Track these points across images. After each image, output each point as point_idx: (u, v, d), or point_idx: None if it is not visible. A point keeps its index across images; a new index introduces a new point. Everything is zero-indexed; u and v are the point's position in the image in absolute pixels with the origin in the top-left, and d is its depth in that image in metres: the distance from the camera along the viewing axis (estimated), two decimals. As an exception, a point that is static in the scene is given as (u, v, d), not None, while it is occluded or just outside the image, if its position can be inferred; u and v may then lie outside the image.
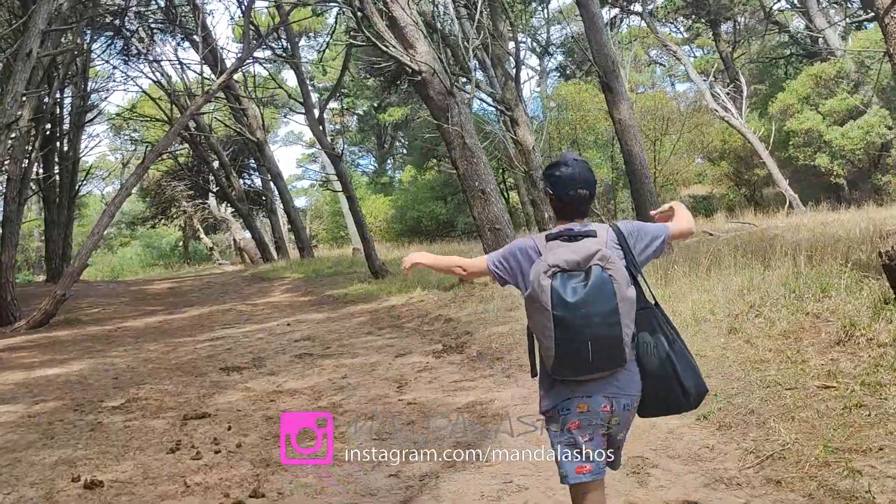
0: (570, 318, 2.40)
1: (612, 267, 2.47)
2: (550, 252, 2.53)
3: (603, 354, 2.44)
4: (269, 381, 7.31)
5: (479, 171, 11.31)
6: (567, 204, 2.64)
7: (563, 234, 2.58)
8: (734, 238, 14.40)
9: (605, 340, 2.42)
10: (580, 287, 2.43)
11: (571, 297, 2.41)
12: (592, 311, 2.41)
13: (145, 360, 9.16)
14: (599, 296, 2.42)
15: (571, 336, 2.41)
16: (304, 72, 18.06)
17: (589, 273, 2.45)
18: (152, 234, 48.29)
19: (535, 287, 2.48)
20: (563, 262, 2.47)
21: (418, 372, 7.02)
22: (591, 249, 2.48)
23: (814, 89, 25.95)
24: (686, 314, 6.61)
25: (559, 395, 2.57)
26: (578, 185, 2.62)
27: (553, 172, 2.67)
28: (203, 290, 20.35)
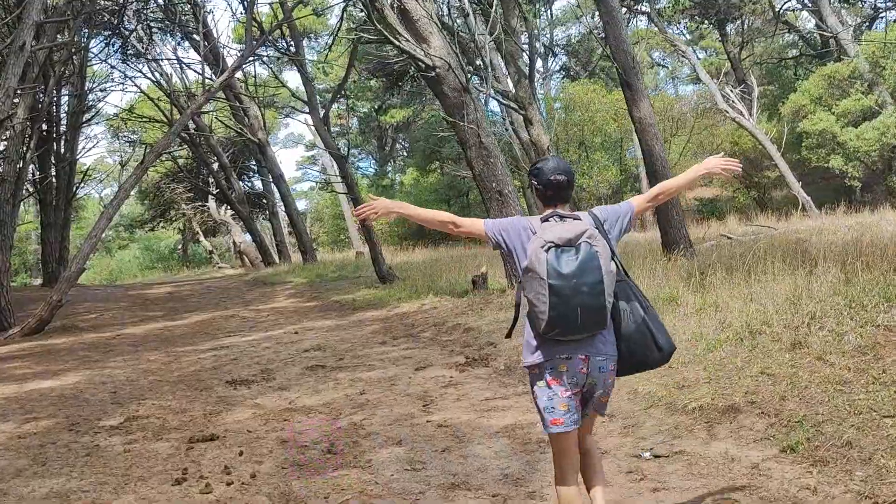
0: (563, 287, 2.72)
1: (598, 244, 2.81)
2: (545, 230, 2.84)
3: (589, 319, 2.77)
4: (280, 397, 6.76)
5: (497, 172, 10.77)
6: (549, 189, 2.99)
7: (554, 216, 2.92)
8: (756, 242, 13.86)
9: (591, 307, 2.75)
10: (572, 260, 2.75)
11: (565, 269, 2.74)
12: (582, 281, 2.73)
13: (146, 372, 8.61)
14: (588, 268, 2.75)
15: (564, 302, 2.72)
16: (307, 71, 17.50)
17: (579, 249, 2.77)
18: (151, 237, 47.77)
19: (534, 259, 2.79)
20: (557, 238, 2.78)
21: (443, 387, 6.47)
22: (580, 228, 2.82)
23: (826, 90, 25.46)
24: (737, 325, 6.06)
25: (545, 353, 2.88)
26: (557, 172, 2.99)
27: (536, 165, 3.09)
28: (204, 295, 19.78)
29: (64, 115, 23.78)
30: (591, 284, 2.74)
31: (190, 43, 26.75)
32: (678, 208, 12.62)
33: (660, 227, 12.72)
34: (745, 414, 4.30)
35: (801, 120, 25.35)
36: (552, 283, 2.73)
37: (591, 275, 2.75)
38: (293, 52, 16.54)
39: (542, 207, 3.04)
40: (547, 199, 3.03)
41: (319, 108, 16.74)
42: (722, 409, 4.44)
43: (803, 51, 32.78)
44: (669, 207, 12.50)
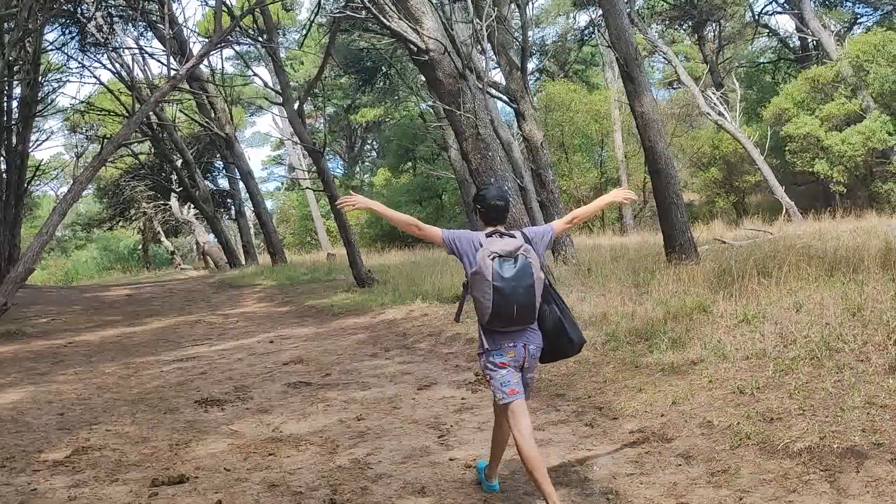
0: (503, 288, 3.41)
1: (531, 256, 3.52)
2: (491, 243, 3.50)
3: (523, 314, 3.46)
4: (260, 422, 5.71)
5: (495, 167, 9.82)
6: (491, 211, 3.63)
7: (496, 233, 3.57)
8: (754, 246, 13.14)
9: (525, 304, 3.45)
10: (511, 268, 3.43)
11: (506, 274, 3.42)
12: (519, 284, 3.42)
13: (100, 388, 7.48)
14: (524, 274, 3.44)
15: (504, 299, 3.41)
16: (280, 59, 16.39)
17: (517, 259, 3.46)
18: (109, 237, 45.91)
19: (482, 265, 3.45)
20: (500, 250, 3.46)
21: (456, 412, 5.49)
22: (517, 244, 3.50)
23: (809, 94, 25.04)
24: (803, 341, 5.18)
25: (495, 342, 3.53)
26: (498, 199, 3.66)
27: (480, 193, 3.73)
28: (166, 298, 18.50)
29: (16, 105, 22.26)
30: (525, 287, 3.43)
31: (154, 33, 25.36)
32: (682, 210, 11.78)
33: (662, 231, 11.87)
34: (874, 460, 3.40)
35: (783, 124, 24.90)
36: (496, 284, 3.40)
37: (526, 279, 3.44)
38: (266, 39, 15.41)
39: (484, 225, 3.67)
40: (489, 220, 3.66)
41: (293, 100, 15.63)
42: (839, 453, 3.54)
43: (782, 55, 32.49)
44: (673, 209, 11.67)
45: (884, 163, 22.89)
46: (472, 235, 3.61)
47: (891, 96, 23.15)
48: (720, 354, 5.41)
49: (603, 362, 6.14)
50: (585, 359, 6.29)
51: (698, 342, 5.92)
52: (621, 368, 5.82)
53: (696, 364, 5.41)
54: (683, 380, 5.13)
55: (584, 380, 5.78)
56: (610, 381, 5.58)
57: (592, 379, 5.76)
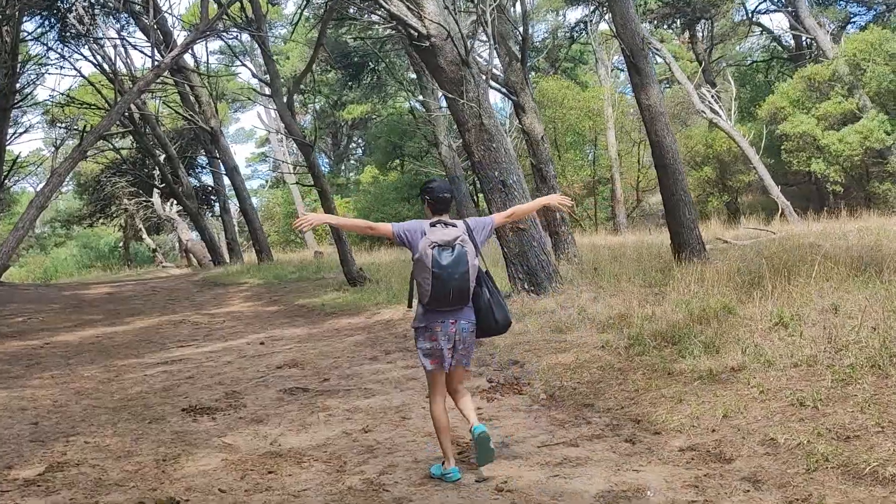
0: (441, 273, 3.83)
1: (467, 245, 3.92)
2: (433, 233, 3.91)
3: (458, 296, 3.91)
4: (256, 434, 5.17)
5: (500, 160, 9.31)
6: (438, 203, 4.06)
7: (440, 223, 3.98)
8: (761, 247, 12.74)
9: (460, 288, 3.89)
10: (449, 256, 3.85)
11: (444, 262, 3.84)
12: (455, 271, 3.84)
13: (79, 394, 6.89)
14: (459, 262, 3.86)
15: (442, 283, 3.84)
16: (270, 49, 15.79)
17: (454, 248, 3.88)
18: (90, 234, 44.95)
19: (423, 253, 3.87)
20: (440, 240, 3.88)
21: (474, 424, 4.97)
22: (456, 234, 3.91)
23: (805, 92, 24.77)
24: (856, 347, 4.72)
25: (428, 319, 4.00)
26: (444, 191, 4.08)
27: (429, 185, 4.13)
28: (148, 297, 17.84)
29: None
30: (460, 273, 3.83)
31: (137, 23, 24.62)
32: (690, 207, 11.34)
33: (669, 229, 11.42)
34: None
35: (778, 123, 24.61)
36: (434, 270, 3.81)
37: (461, 266, 3.84)
38: (254, 27, 14.81)
39: (432, 215, 4.05)
40: (435, 210, 4.06)
41: (283, 92, 15.04)
42: (941, 479, 3.06)
43: (775, 53, 32.25)
44: (681, 206, 11.24)
45: (881, 162, 22.65)
46: (420, 225, 4.00)
47: (888, 95, 22.92)
48: (764, 361, 4.94)
49: (629, 368, 5.64)
50: (610, 364, 5.81)
51: (734, 347, 5.45)
52: (652, 375, 5.33)
53: (737, 371, 4.93)
54: (728, 389, 4.64)
55: (613, 388, 5.28)
56: (642, 389, 5.08)
57: (621, 387, 5.27)
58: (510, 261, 9.27)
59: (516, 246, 9.20)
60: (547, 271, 9.19)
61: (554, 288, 9.03)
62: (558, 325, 7.38)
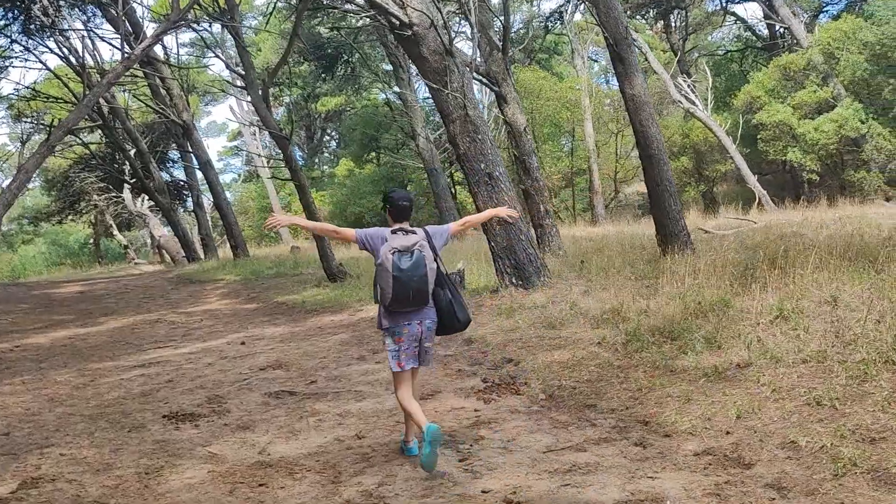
0: (401, 277, 4.09)
1: (425, 251, 4.18)
2: (393, 240, 4.16)
3: (418, 297, 4.15)
4: (243, 442, 4.92)
5: (485, 151, 9.09)
6: (398, 211, 4.28)
7: (400, 230, 4.22)
8: (745, 236, 12.69)
9: (419, 290, 4.13)
10: (408, 260, 4.12)
11: (403, 266, 4.10)
12: (414, 274, 4.10)
13: (52, 400, 6.58)
14: (418, 266, 4.12)
15: (402, 286, 4.09)
16: (244, 40, 15.40)
17: (413, 253, 4.14)
18: (59, 231, 44.01)
19: (384, 258, 4.12)
20: (400, 246, 4.14)
21: (473, 427, 4.77)
22: (414, 240, 4.18)
23: (780, 81, 24.84)
24: (863, 341, 4.58)
25: (394, 320, 4.23)
26: (403, 200, 4.32)
27: (390, 195, 4.35)
28: (121, 295, 17.40)
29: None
30: (419, 276, 4.11)
31: (104, 15, 23.97)
32: (675, 197, 11.22)
33: (655, 220, 11.29)
34: None
35: (754, 112, 24.66)
36: (395, 274, 4.08)
37: (420, 270, 4.11)
38: (228, 17, 14.41)
39: (393, 223, 4.27)
40: (395, 218, 4.28)
41: (258, 83, 14.68)
42: (981, 485, 2.91)
43: (749, 43, 32.33)
44: (666, 196, 11.12)
45: (855, 151, 22.77)
46: (381, 232, 4.25)
47: (862, 84, 23.03)
48: (771, 357, 4.79)
49: (629, 366, 5.47)
50: (608, 362, 5.63)
51: (736, 342, 5.30)
52: (654, 373, 5.16)
53: (743, 368, 4.78)
54: (737, 387, 4.48)
55: (614, 387, 5.10)
56: (646, 388, 4.91)
57: (623, 386, 5.09)
58: (497, 255, 9.07)
59: (503, 240, 9.00)
60: (535, 265, 9.00)
61: (543, 282, 8.85)
62: (550, 320, 7.20)
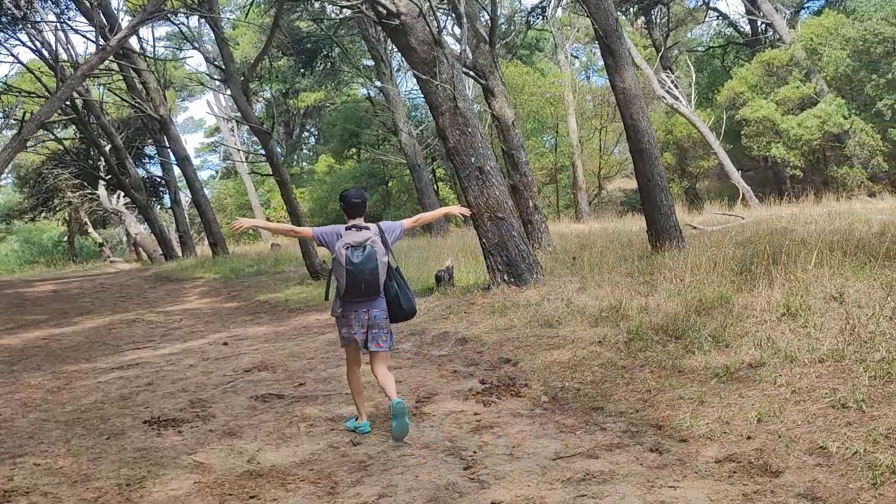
0: (353, 270, 4.50)
1: (377, 246, 4.57)
2: (347, 235, 4.57)
3: (369, 289, 4.56)
4: (230, 450, 4.64)
5: (476, 144, 8.85)
6: (351, 208, 4.67)
7: (354, 226, 4.61)
8: (734, 232, 12.55)
9: (370, 282, 4.54)
10: (360, 255, 4.51)
11: (356, 260, 4.50)
12: (365, 267, 4.50)
13: (25, 406, 6.25)
14: (369, 260, 4.52)
15: (354, 279, 4.50)
16: (223, 32, 15.02)
17: (365, 248, 4.53)
18: (31, 229, 43.15)
19: (339, 253, 4.55)
20: (353, 241, 4.54)
21: (474, 432, 4.52)
22: (367, 236, 4.56)
23: (763, 77, 24.85)
24: (881, 339, 4.40)
25: (346, 307, 4.67)
26: (356, 197, 4.72)
27: (344, 193, 4.78)
28: (97, 294, 16.96)
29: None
30: (370, 269, 4.52)
31: (78, 7, 23.41)
32: (667, 192, 11.03)
33: (646, 216, 11.10)
34: None
35: (737, 108, 24.65)
36: (348, 268, 4.51)
37: (371, 263, 4.52)
38: (206, 8, 14.04)
39: (348, 219, 4.68)
40: (349, 214, 4.69)
41: (237, 76, 14.32)
42: None
43: (731, 39, 32.37)
44: (657, 191, 10.93)
45: (838, 147, 22.82)
46: (336, 229, 4.67)
47: (844, 80, 23.09)
48: (784, 356, 4.59)
49: (633, 365, 5.26)
50: (611, 362, 5.41)
51: (745, 340, 5.10)
52: (661, 373, 4.95)
53: (755, 368, 4.58)
54: (752, 389, 4.28)
55: (620, 388, 4.88)
56: (654, 389, 4.69)
57: (630, 387, 4.87)
58: (489, 251, 8.83)
59: (495, 236, 8.76)
60: (527, 262, 8.78)
61: (535, 279, 8.63)
62: (546, 318, 6.98)
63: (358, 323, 4.64)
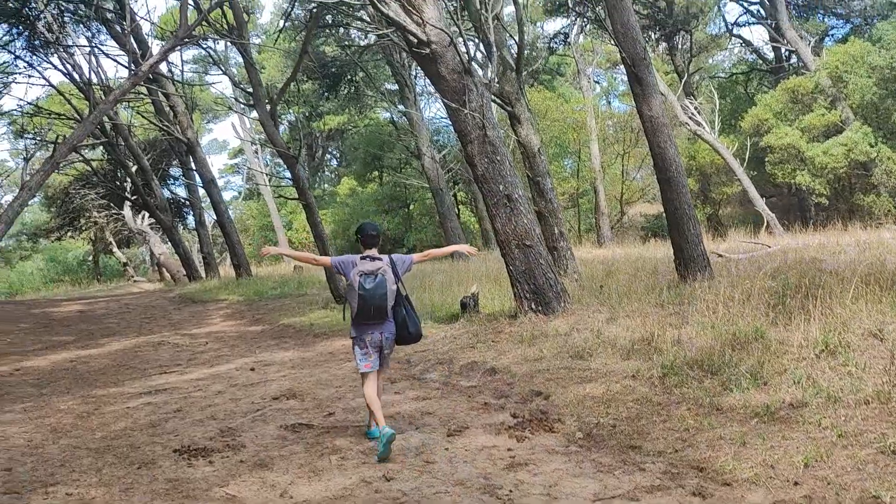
0: (365, 296, 5.02)
1: (387, 275, 5.08)
2: (361, 265, 5.09)
3: (378, 312, 5.08)
4: (262, 483, 4.60)
5: (504, 173, 8.84)
6: (368, 238, 5.24)
7: (368, 257, 5.14)
8: (762, 261, 12.39)
9: (379, 307, 5.07)
10: (371, 282, 5.02)
11: (368, 286, 5.02)
12: (376, 293, 5.03)
13: (55, 431, 6.26)
14: (380, 287, 5.04)
15: (365, 303, 5.03)
16: (252, 56, 15.21)
17: (376, 276, 5.05)
18: (57, 247, 43.69)
19: (353, 280, 5.06)
20: (366, 269, 5.06)
21: (508, 470, 4.46)
22: (378, 266, 5.08)
23: (787, 104, 24.74)
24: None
25: (360, 330, 5.18)
26: (371, 230, 5.29)
27: (361, 226, 5.34)
28: (122, 315, 17.08)
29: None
30: (380, 295, 5.05)
31: (109, 32, 23.83)
32: (695, 221, 10.92)
33: (673, 244, 10.98)
34: None
35: (761, 135, 24.52)
36: (360, 293, 5.03)
37: (381, 290, 5.04)
38: (235, 34, 14.23)
39: (363, 249, 5.24)
40: (365, 245, 5.25)
41: (265, 100, 14.46)
42: None
43: (755, 65, 32.30)
44: (685, 220, 10.81)
45: (865, 175, 22.61)
46: (352, 258, 5.19)
47: (870, 107, 22.93)
48: (827, 396, 4.50)
49: (669, 402, 5.18)
50: (646, 397, 5.33)
51: (783, 378, 5.01)
52: (699, 411, 4.87)
53: (797, 408, 4.49)
54: (795, 430, 4.19)
55: (657, 426, 4.80)
56: (693, 428, 4.61)
57: (666, 425, 4.79)
58: (516, 279, 8.79)
59: (522, 264, 8.72)
60: (555, 290, 8.72)
61: (563, 308, 8.57)
62: (576, 349, 6.91)
63: (372, 343, 5.17)
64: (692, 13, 28.15)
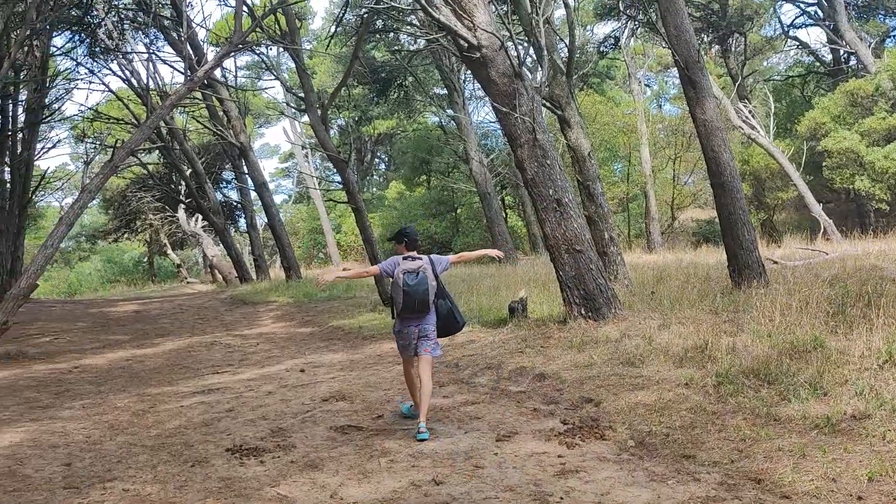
0: (409, 292, 5.55)
1: (427, 272, 5.62)
2: (403, 264, 5.65)
3: (420, 307, 5.63)
4: (312, 483, 4.64)
5: (554, 177, 8.78)
6: (410, 241, 5.78)
7: (409, 257, 5.71)
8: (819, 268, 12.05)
9: (422, 301, 5.61)
10: (414, 278, 5.57)
11: (411, 283, 5.56)
12: (419, 288, 5.56)
13: (112, 428, 6.41)
14: (422, 284, 5.58)
15: (409, 298, 5.57)
16: (304, 62, 15.41)
17: (418, 273, 5.59)
18: (113, 249, 44.90)
19: (397, 278, 5.61)
20: (409, 268, 5.61)
21: (558, 476, 4.41)
22: (419, 264, 5.64)
23: (846, 108, 24.06)
24: None
25: (403, 323, 5.75)
26: (413, 234, 5.86)
27: (404, 231, 5.87)
28: (176, 315, 17.45)
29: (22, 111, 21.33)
30: (422, 291, 5.58)
31: (166, 38, 24.44)
32: (749, 227, 10.69)
33: (727, 250, 10.78)
34: None
35: (818, 139, 23.90)
36: (405, 289, 5.56)
37: (422, 286, 5.58)
38: (288, 40, 14.44)
39: (405, 251, 5.77)
40: (408, 247, 5.78)
41: (316, 106, 14.64)
42: None
43: (811, 68, 31.52)
44: (739, 225, 10.61)
45: (928, 180, 21.85)
46: (396, 260, 5.73)
47: (933, 111, 22.16)
48: (891, 408, 4.35)
49: (724, 412, 5.06)
50: (700, 406, 5.23)
51: (844, 389, 4.86)
52: (755, 421, 4.75)
53: (860, 420, 4.35)
54: (858, 443, 4.06)
55: (712, 435, 4.70)
56: (749, 439, 4.50)
57: (722, 434, 4.68)
58: (565, 284, 8.71)
59: (572, 269, 8.65)
60: (605, 296, 8.62)
61: (614, 314, 8.46)
62: (627, 356, 6.81)
63: (410, 335, 5.72)
64: (746, 15, 27.60)
